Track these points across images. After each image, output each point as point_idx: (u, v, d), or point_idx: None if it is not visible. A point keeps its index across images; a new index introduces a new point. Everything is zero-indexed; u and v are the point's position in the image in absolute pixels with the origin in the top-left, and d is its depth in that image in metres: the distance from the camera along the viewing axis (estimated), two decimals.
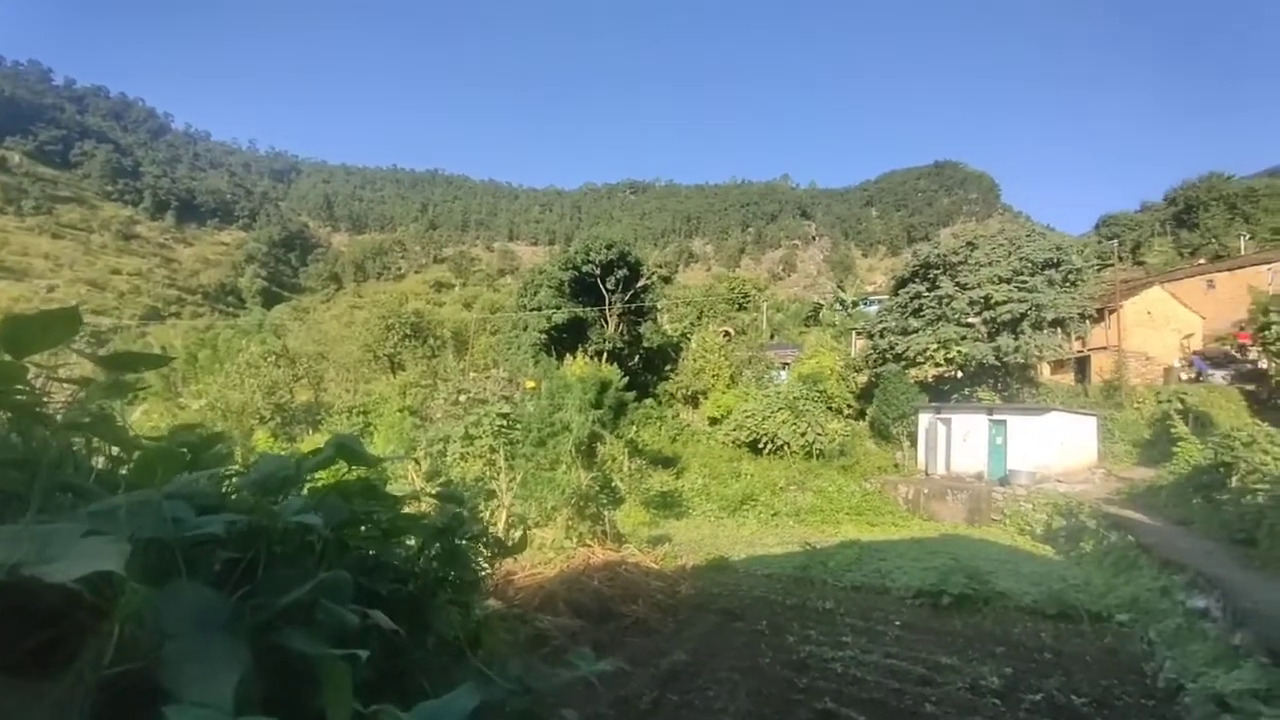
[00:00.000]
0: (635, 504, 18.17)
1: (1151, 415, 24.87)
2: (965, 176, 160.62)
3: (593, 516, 11.20)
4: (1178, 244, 61.26)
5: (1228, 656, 6.37)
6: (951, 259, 29.64)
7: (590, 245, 35.94)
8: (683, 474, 23.72)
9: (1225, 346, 32.48)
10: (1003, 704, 6.22)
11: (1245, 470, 13.69)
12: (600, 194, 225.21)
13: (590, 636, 7.59)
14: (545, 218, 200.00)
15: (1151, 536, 12.43)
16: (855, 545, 14.22)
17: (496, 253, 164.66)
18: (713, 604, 9.46)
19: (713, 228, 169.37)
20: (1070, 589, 10.42)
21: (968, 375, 29.04)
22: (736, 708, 5.84)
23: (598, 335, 35.13)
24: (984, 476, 22.39)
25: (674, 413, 33.21)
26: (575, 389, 21.17)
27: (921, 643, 8.00)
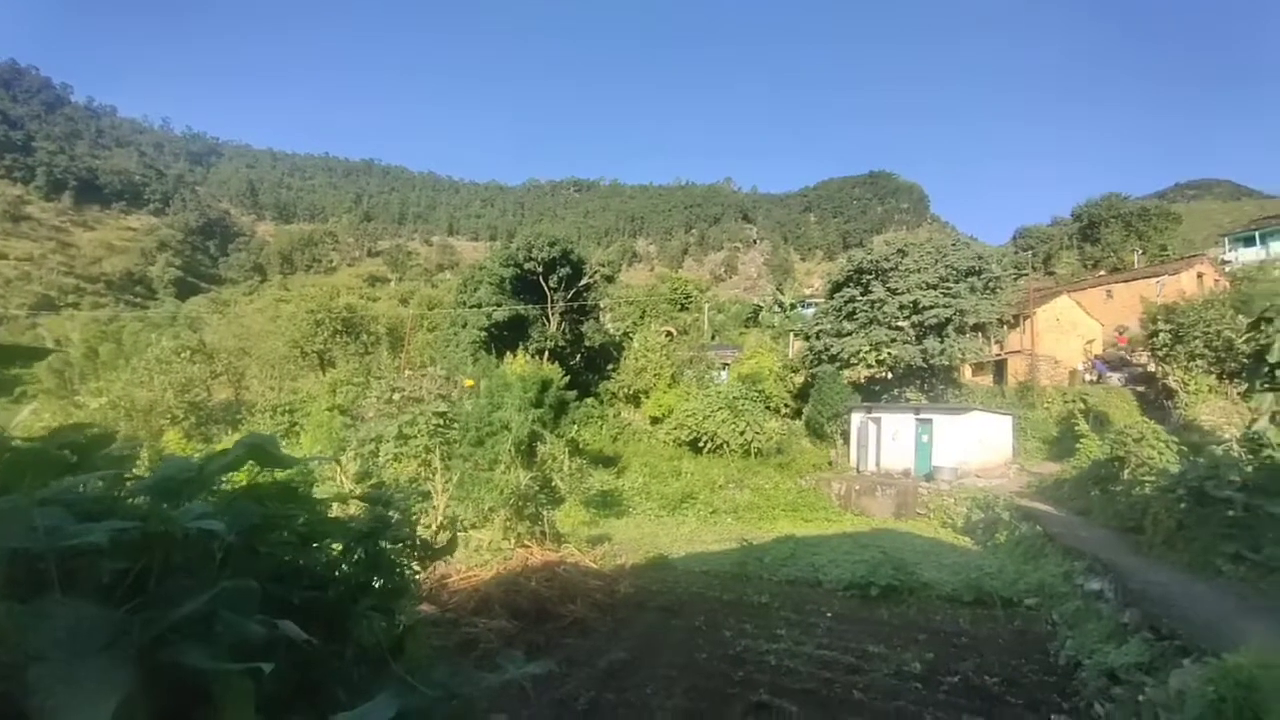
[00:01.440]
0: (575, 503, 18.05)
1: (1058, 414, 26.75)
2: (898, 187, 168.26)
3: (531, 517, 11.04)
4: (1082, 256, 66.33)
5: (1118, 634, 6.93)
6: (883, 265, 30.97)
7: (533, 242, 35.45)
8: (624, 473, 23.76)
9: (1120, 351, 35.39)
10: (924, 687, 6.55)
11: (1135, 464, 14.95)
12: (544, 191, 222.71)
13: (527, 638, 7.48)
14: (487, 213, 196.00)
15: (1056, 526, 13.35)
16: (790, 541, 14.63)
17: (435, 247, 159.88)
18: (652, 602, 9.51)
19: (656, 228, 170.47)
20: (986, 577, 11.05)
21: (897, 376, 30.41)
22: (674, 704, 5.89)
23: (539, 333, 34.69)
24: (911, 473, 23.53)
25: (615, 412, 33.22)
26: (515, 388, 20.84)
27: (851, 633, 8.31)
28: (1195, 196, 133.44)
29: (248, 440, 1.61)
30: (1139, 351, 31.93)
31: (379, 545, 2.06)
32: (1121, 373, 32.13)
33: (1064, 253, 68.56)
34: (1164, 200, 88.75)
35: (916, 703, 6.15)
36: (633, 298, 57.80)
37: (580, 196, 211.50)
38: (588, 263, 39.41)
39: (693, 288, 68.51)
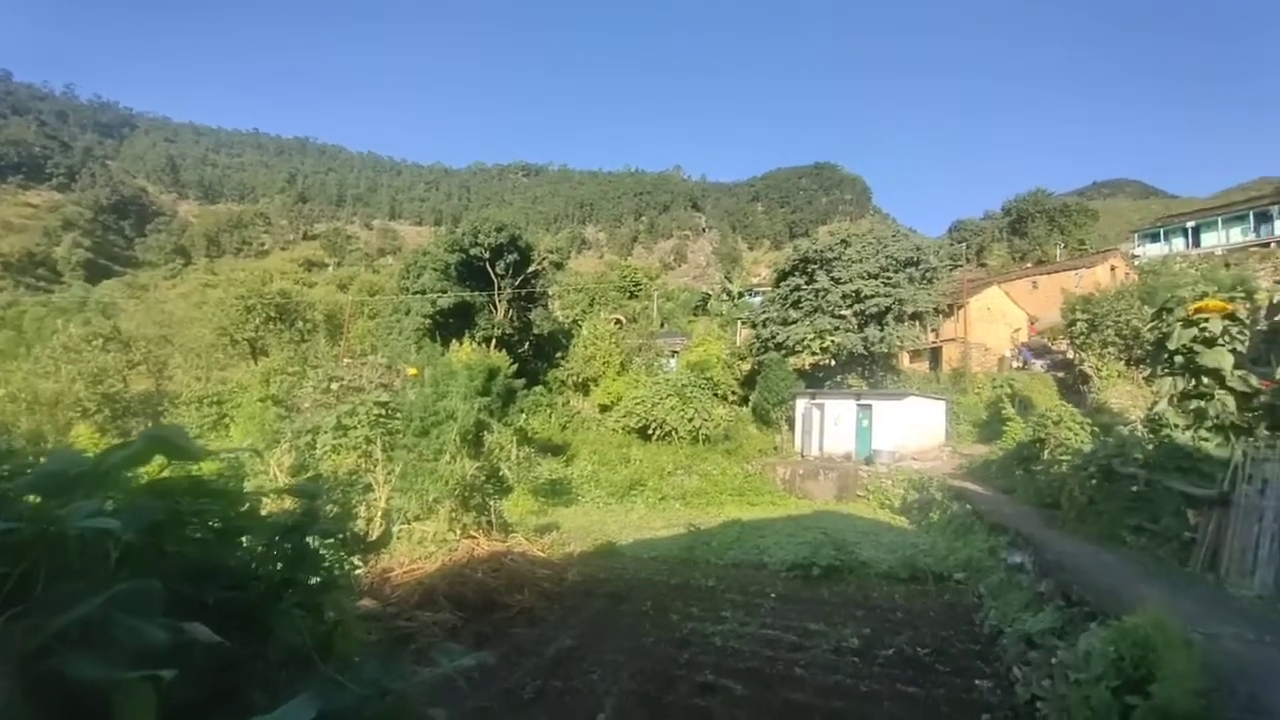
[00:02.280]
0: (524, 492, 17.90)
1: (988, 399, 28.27)
2: (842, 179, 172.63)
3: (478, 507, 10.87)
4: (1011, 249, 70.15)
5: (1035, 603, 7.43)
6: (827, 255, 31.83)
7: (479, 227, 34.61)
8: (572, 461, 23.69)
9: (1043, 339, 37.70)
10: (861, 661, 6.85)
11: (1054, 445, 16.00)
12: (490, 175, 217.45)
13: (473, 630, 7.39)
14: (431, 196, 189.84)
15: (984, 505, 14.16)
16: (736, 525, 14.96)
17: (376, 231, 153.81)
18: (600, 589, 9.54)
19: (606, 215, 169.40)
20: (919, 555, 11.60)
21: (840, 363, 31.42)
22: (620, 688, 5.94)
23: (486, 321, 34.03)
24: (852, 456, 24.43)
25: (564, 400, 33.04)
26: (461, 376, 20.38)
27: (793, 612, 8.59)
28: (1110, 195, 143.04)
29: (152, 432, 1.49)
30: (1060, 339, 34.05)
31: (306, 539, 1.96)
32: (1044, 359, 34.24)
33: (995, 245, 72.27)
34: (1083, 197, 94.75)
35: (854, 676, 6.42)
36: (582, 285, 57.40)
37: (528, 181, 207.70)
38: (536, 249, 38.81)
39: (642, 275, 68.61)
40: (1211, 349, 9.59)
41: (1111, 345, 28.04)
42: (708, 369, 31.39)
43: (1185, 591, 6.76)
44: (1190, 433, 9.70)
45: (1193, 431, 9.69)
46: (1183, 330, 10.02)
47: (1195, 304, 10.15)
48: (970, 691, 6.08)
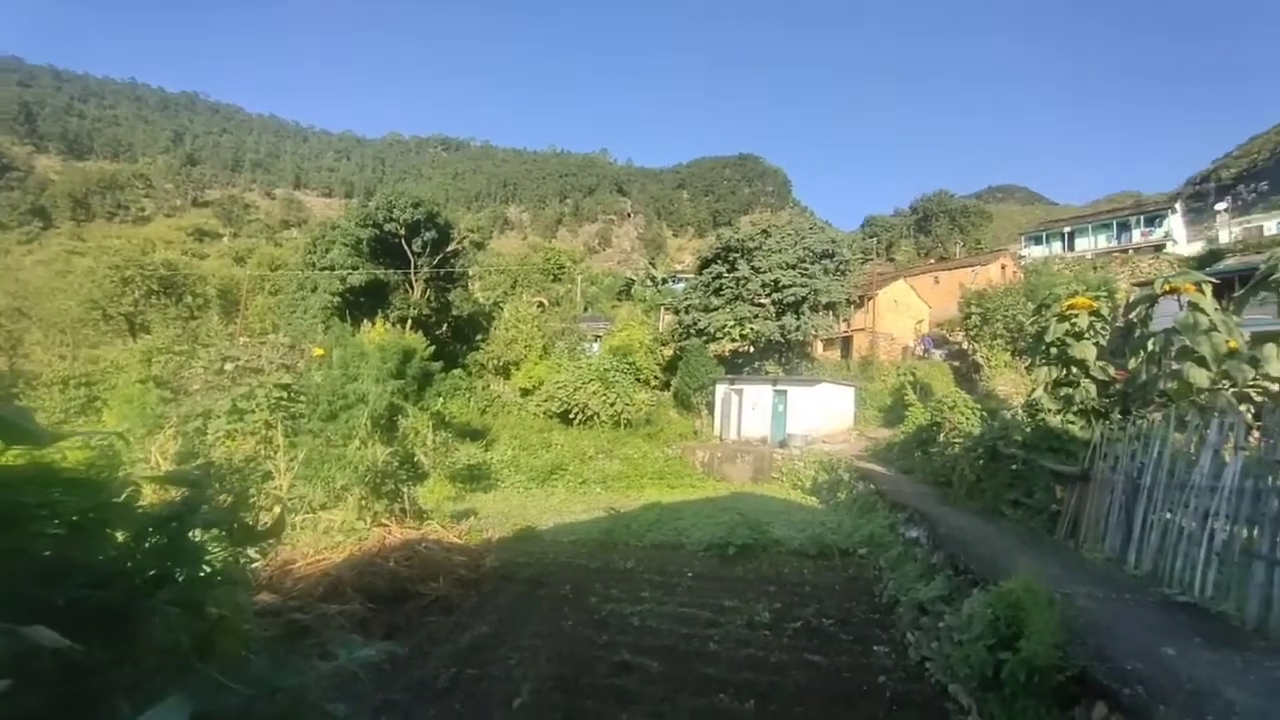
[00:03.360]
0: (440, 478, 17.35)
1: (892, 386, 30.12)
2: (764, 170, 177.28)
3: (390, 494, 10.42)
4: (917, 246, 75.12)
5: (928, 573, 8.05)
6: (748, 244, 32.70)
7: (395, 202, 32.90)
8: (492, 446, 23.20)
9: (941, 331, 40.67)
10: (771, 634, 7.16)
11: (949, 428, 17.33)
12: (407, 147, 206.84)
13: (384, 621, 7.11)
14: (341, 166, 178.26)
15: (886, 484, 15.12)
16: (656, 507, 15.20)
17: (279, 201, 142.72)
18: (518, 574, 9.43)
19: (530, 195, 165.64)
20: (827, 532, 12.26)
21: (758, 350, 32.51)
22: (536, 672, 5.91)
23: (401, 300, 32.53)
24: (768, 440, 25.42)
25: (484, 384, 32.24)
26: (374, 358, 19.40)
27: (709, 590, 8.85)
28: (1002, 199, 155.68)
29: None
30: (956, 331, 36.82)
31: (185, 531, 1.78)
32: (943, 349, 36.93)
33: (903, 241, 77.01)
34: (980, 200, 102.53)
35: (764, 648, 6.71)
36: (504, 266, 55.96)
37: (449, 156, 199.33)
38: (456, 227, 37.44)
39: (566, 259, 67.89)
40: (1079, 342, 10.66)
41: (1000, 337, 30.66)
42: (631, 354, 31.57)
43: (1051, 557, 7.53)
44: (1060, 417, 10.78)
45: (1062, 415, 10.77)
46: (1057, 325, 11.07)
47: (1068, 301, 11.25)
48: (869, 657, 6.51)
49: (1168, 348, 9.42)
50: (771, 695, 5.55)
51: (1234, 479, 5.63)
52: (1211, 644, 4.42)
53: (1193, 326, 8.76)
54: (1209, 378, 8.48)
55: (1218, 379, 8.49)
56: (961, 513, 11.02)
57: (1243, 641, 4.52)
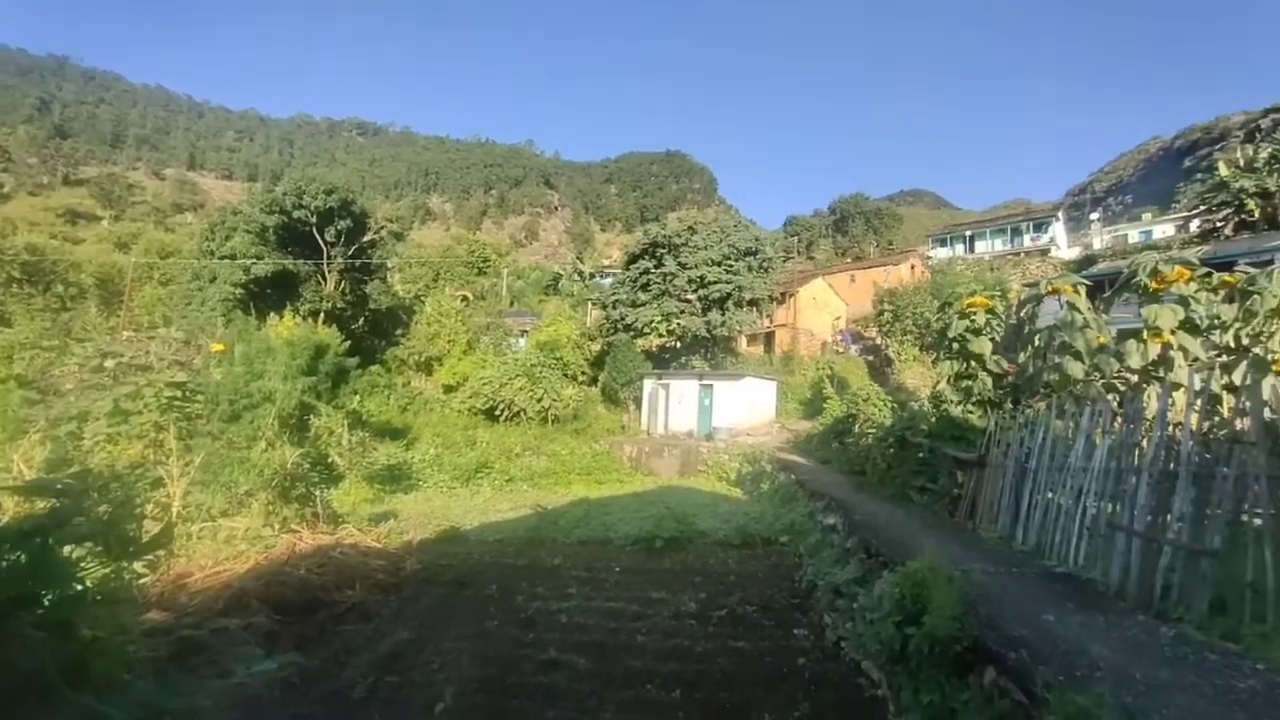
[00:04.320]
0: (357, 480, 16.54)
1: (812, 380, 31.39)
2: (691, 167, 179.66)
3: (301, 498, 9.84)
4: (835, 245, 78.73)
5: (843, 558, 8.48)
6: (675, 241, 33.13)
7: (305, 187, 30.91)
8: (413, 445, 22.35)
9: (857, 327, 42.84)
10: (697, 623, 7.33)
11: (863, 419, 18.29)
12: (319, 129, 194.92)
13: (294, 632, 6.71)
14: (244, 147, 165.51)
15: (806, 475, 15.78)
16: (584, 503, 15.16)
17: (169, 182, 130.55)
18: (441, 576, 9.15)
19: (453, 185, 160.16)
20: (751, 522, 12.63)
21: (685, 345, 33.04)
22: (460, 675, 5.76)
23: (313, 293, 30.70)
24: (694, 434, 25.89)
25: (405, 380, 31.03)
26: (282, 354, 18.20)
27: (637, 583, 8.93)
28: (912, 203, 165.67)
29: None
30: (871, 327, 38.87)
31: (48, 547, 1.59)
32: (859, 344, 38.88)
33: (822, 241, 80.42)
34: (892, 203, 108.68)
35: (690, 638, 6.86)
36: (425, 258, 53.93)
37: (365, 141, 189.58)
38: (373, 216, 35.69)
39: (491, 251, 66.23)
40: (977, 338, 11.54)
41: (910, 333, 32.65)
42: (558, 349, 31.27)
43: (952, 538, 8.13)
44: (961, 407, 11.63)
45: (963, 406, 11.62)
46: (958, 321, 11.92)
47: (967, 300, 12.14)
48: (789, 640, 6.79)
49: (1051, 343, 10.35)
50: (697, 683, 5.68)
51: (1101, 460, 6.28)
52: (1082, 608, 4.92)
53: (1070, 324, 9.67)
54: (1083, 370, 9.40)
55: (1090, 371, 9.43)
56: (874, 499, 11.68)
57: (1107, 605, 5.06)
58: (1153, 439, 5.61)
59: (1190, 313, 8.38)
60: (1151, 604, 4.88)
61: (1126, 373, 8.77)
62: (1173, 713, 3.08)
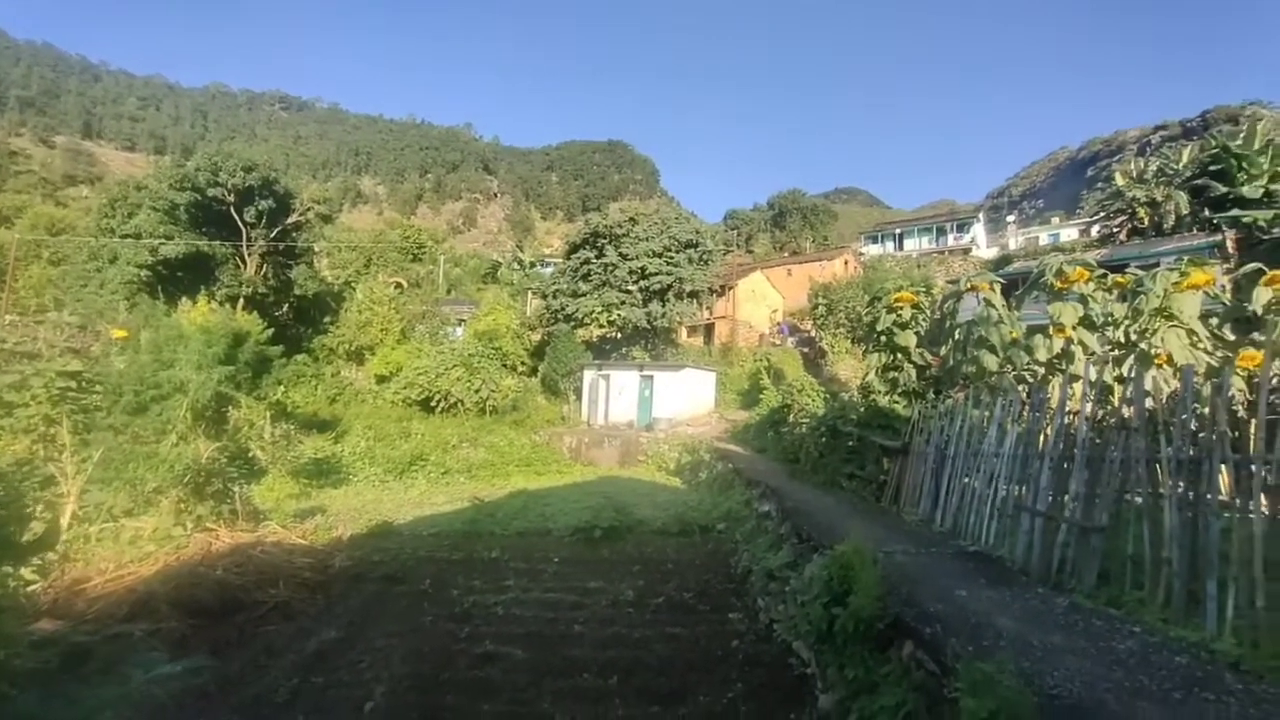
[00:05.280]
0: (281, 475, 15.71)
1: (750, 371, 32.09)
2: (633, 158, 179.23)
3: (217, 495, 9.26)
4: (774, 240, 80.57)
5: (777, 543, 8.77)
6: (617, 231, 33.05)
7: (221, 163, 28.84)
8: (343, 437, 21.42)
9: (794, 319, 44.13)
10: (635, 611, 7.42)
11: (797, 409, 18.90)
12: (237, 101, 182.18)
13: (210, 636, 6.33)
14: (149, 116, 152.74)
15: (743, 463, 16.17)
16: (523, 495, 15.01)
17: (60, 151, 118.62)
18: (372, 572, 8.84)
19: (386, 167, 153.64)
20: (689, 510, 12.87)
21: (625, 336, 33.10)
22: (391, 673, 5.60)
23: (231, 277, 28.82)
24: (634, 424, 26.05)
25: (334, 370, 29.63)
26: (195, 341, 17.01)
27: (575, 573, 8.93)
28: (846, 200, 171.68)
29: None
30: (806, 320, 40.12)
31: None
32: (795, 337, 40.07)
33: (761, 235, 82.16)
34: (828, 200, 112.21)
35: (628, 625, 6.93)
36: (356, 243, 51.51)
37: (289, 117, 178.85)
38: (298, 197, 33.69)
39: (427, 237, 64.00)
40: (903, 331, 12.14)
41: (843, 326, 33.92)
42: (497, 339, 30.68)
43: (878, 521, 8.55)
44: (888, 397, 12.22)
45: (889, 396, 12.22)
46: (886, 316, 12.50)
47: (894, 295, 12.74)
48: (725, 624, 6.98)
49: (969, 337, 11.01)
50: (634, 670, 5.75)
51: (1010, 447, 6.76)
52: (991, 584, 5.30)
53: (986, 319, 10.31)
54: (997, 363, 10.05)
55: (1003, 364, 10.10)
56: (807, 486, 12.12)
57: (1013, 579, 5.47)
58: (1054, 426, 6.08)
59: (1089, 310, 9.11)
60: (1049, 577, 5.31)
61: (1035, 365, 9.44)
62: (1062, 674, 3.37)
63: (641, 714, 4.97)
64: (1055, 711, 2.96)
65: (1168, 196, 32.42)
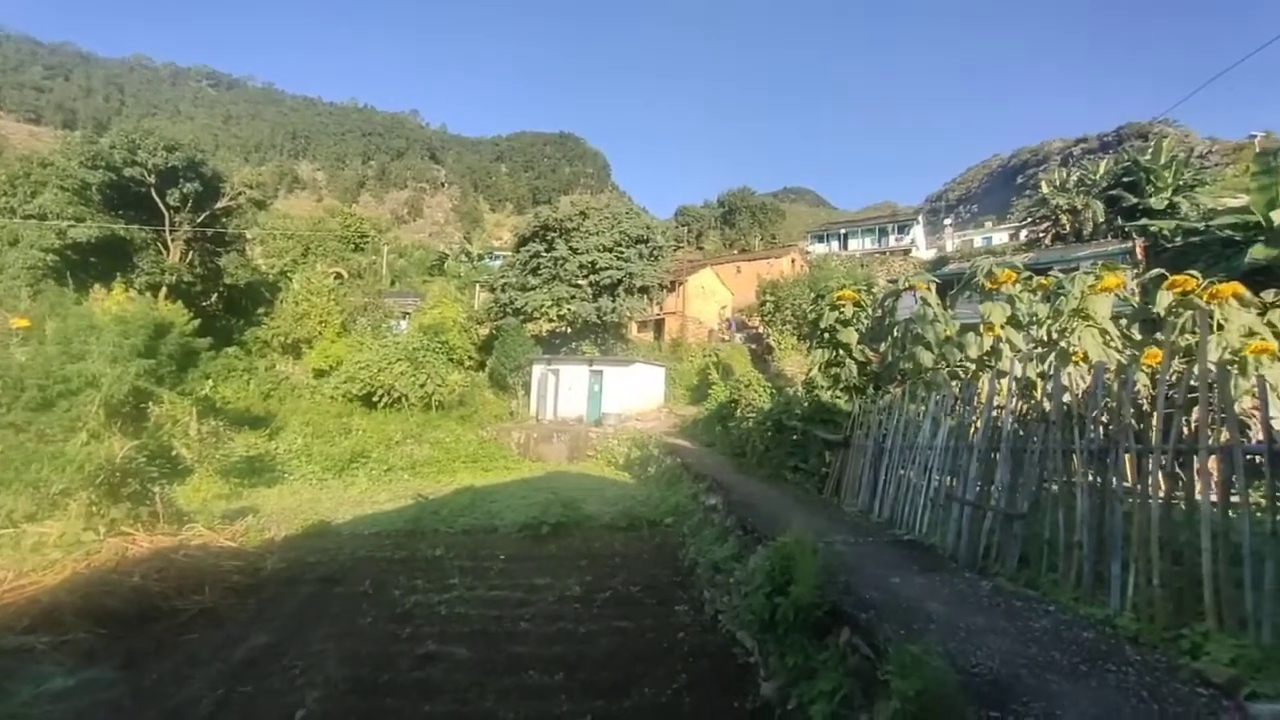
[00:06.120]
0: (208, 474, 14.90)
1: (699, 366, 32.45)
2: (585, 152, 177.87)
3: (135, 496, 8.69)
4: (723, 237, 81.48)
5: (723, 536, 8.91)
6: (567, 225, 32.74)
7: (140, 141, 26.93)
8: (278, 434, 20.48)
9: (742, 316, 44.86)
10: (582, 606, 7.38)
11: (744, 404, 19.25)
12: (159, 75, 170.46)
13: (125, 646, 5.93)
14: (58, 87, 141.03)
15: (691, 457, 16.36)
16: (469, 491, 14.72)
17: None
18: (308, 574, 8.48)
19: (326, 152, 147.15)
20: (637, 505, 12.89)
21: (575, 331, 32.87)
22: (326, 677, 5.39)
23: (152, 264, 27.04)
24: (584, 419, 25.94)
25: (269, 364, 28.26)
26: (110, 332, 15.84)
27: (522, 570, 8.83)
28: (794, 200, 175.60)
29: None
30: (754, 316, 40.86)
31: None
32: (744, 333, 40.75)
33: (711, 232, 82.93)
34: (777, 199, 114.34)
35: (575, 620, 6.90)
36: (293, 231, 49.07)
37: (218, 95, 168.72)
38: (229, 181, 31.85)
39: (370, 227, 61.51)
40: (845, 328, 12.52)
41: (789, 323, 34.71)
42: (443, 332, 29.93)
43: (820, 513, 8.82)
44: (830, 393, 12.59)
45: (832, 392, 12.59)
46: (829, 313, 12.87)
47: (838, 293, 13.13)
48: (671, 617, 7.04)
49: (907, 334, 11.46)
50: (580, 664, 5.73)
51: (943, 440, 7.09)
52: (924, 570, 5.55)
53: (923, 318, 10.76)
54: (932, 359, 10.51)
55: (938, 360, 10.57)
56: (753, 479, 12.37)
57: (943, 565, 5.75)
58: (983, 420, 6.41)
59: (1015, 310, 9.63)
60: (976, 562, 5.60)
61: (967, 362, 9.91)
62: (984, 652, 3.57)
63: (586, 708, 4.96)
64: (976, 687, 3.12)
65: (1086, 205, 34.69)
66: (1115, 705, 2.95)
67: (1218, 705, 2.89)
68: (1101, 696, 3.04)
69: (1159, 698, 3.00)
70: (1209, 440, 4.03)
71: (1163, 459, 4.29)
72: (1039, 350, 9.04)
